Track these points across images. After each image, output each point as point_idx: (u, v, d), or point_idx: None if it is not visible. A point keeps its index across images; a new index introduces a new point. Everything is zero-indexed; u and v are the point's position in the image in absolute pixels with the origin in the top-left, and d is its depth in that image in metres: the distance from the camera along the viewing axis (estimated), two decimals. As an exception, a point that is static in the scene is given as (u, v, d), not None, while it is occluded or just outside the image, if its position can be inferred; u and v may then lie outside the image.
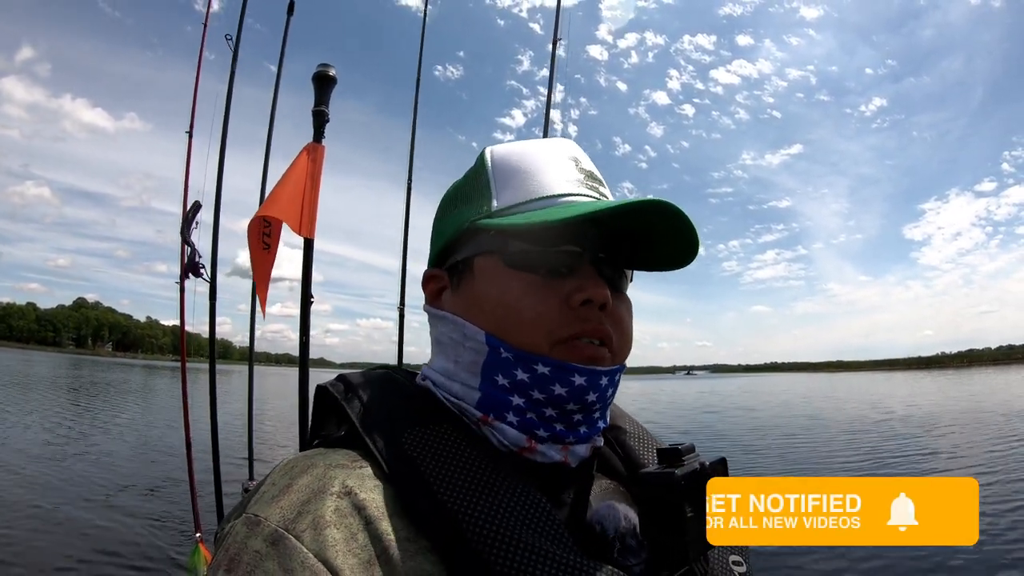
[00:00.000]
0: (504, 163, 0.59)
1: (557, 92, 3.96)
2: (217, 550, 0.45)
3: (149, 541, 6.14)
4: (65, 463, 10.24)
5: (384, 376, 0.59)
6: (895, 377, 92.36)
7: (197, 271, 4.09)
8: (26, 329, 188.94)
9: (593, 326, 0.53)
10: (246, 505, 0.46)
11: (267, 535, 0.42)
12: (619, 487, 0.60)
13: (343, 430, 0.54)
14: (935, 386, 50.19)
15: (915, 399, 31.85)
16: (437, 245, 0.62)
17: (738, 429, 19.62)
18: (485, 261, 0.56)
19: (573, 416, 0.53)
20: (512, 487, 0.47)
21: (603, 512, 0.53)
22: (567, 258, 0.54)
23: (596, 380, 0.53)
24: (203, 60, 4.51)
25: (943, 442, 14.37)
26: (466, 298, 0.57)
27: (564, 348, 0.52)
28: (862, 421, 20.49)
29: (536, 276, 0.53)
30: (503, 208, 0.56)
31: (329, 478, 0.46)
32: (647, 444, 0.65)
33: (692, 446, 0.54)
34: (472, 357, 0.55)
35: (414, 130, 4.97)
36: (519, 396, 0.53)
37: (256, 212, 3.39)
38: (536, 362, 0.52)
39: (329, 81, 3.24)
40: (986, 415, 20.51)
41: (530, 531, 0.45)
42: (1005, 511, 7.13)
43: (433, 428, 0.51)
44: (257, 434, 4.36)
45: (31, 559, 5.42)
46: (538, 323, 0.52)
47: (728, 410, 27.64)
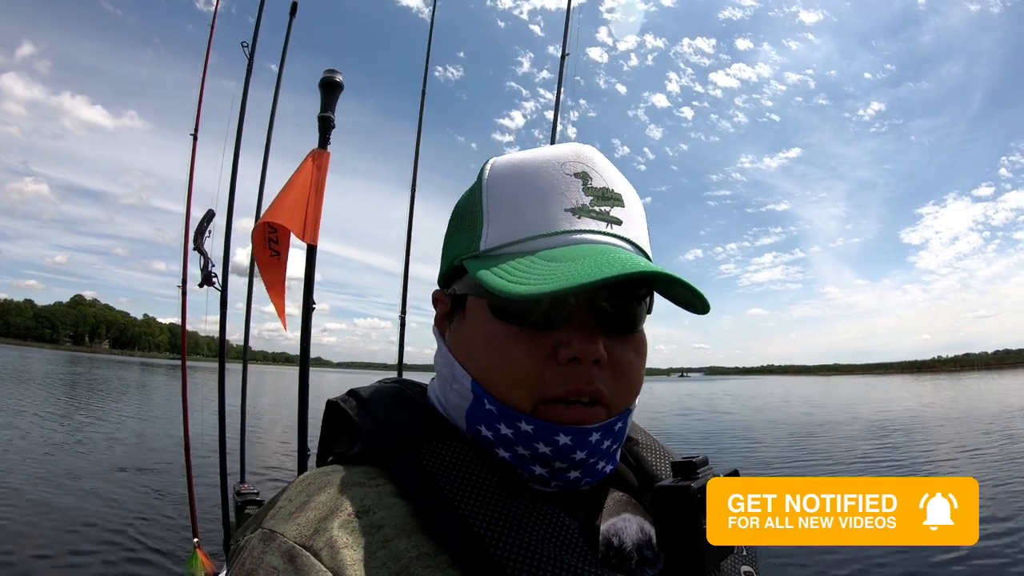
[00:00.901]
0: (499, 186, 0.54)
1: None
2: (231, 564, 0.45)
3: (146, 545, 6.09)
4: (59, 463, 10.19)
5: (396, 392, 0.57)
6: (883, 381, 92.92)
7: (211, 281, 4.01)
8: (23, 326, 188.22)
9: (578, 387, 0.48)
10: (261, 520, 0.46)
11: (284, 551, 0.42)
12: (632, 499, 0.59)
13: (357, 447, 0.52)
14: (920, 389, 51.42)
15: (891, 402, 32.90)
16: (444, 266, 0.59)
17: (708, 429, 20.07)
18: (474, 304, 0.53)
19: (567, 473, 0.51)
20: (528, 503, 0.47)
21: (619, 525, 0.52)
22: (560, 308, 0.49)
23: (584, 438, 0.49)
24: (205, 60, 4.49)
25: (911, 443, 15.00)
26: (458, 337, 0.55)
27: (548, 409, 0.49)
28: (831, 423, 21.11)
29: (522, 328, 0.49)
30: (490, 249, 0.52)
31: (346, 496, 0.45)
32: (660, 456, 0.64)
33: (706, 459, 0.54)
34: (458, 400, 0.53)
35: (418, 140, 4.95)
36: (504, 450, 0.51)
37: (261, 218, 3.38)
38: (519, 419, 0.49)
39: (336, 87, 3.24)
40: (959, 418, 21.11)
41: (550, 544, 0.44)
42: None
43: (448, 444, 0.50)
44: (253, 434, 4.31)
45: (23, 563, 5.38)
46: (521, 380, 0.49)
47: (701, 412, 27.93)
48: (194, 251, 3.80)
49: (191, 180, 4.25)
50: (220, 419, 4.22)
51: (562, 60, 4.10)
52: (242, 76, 4.18)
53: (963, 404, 29.22)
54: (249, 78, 4.07)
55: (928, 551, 6.11)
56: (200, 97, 4.21)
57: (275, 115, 4.26)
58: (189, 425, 4.33)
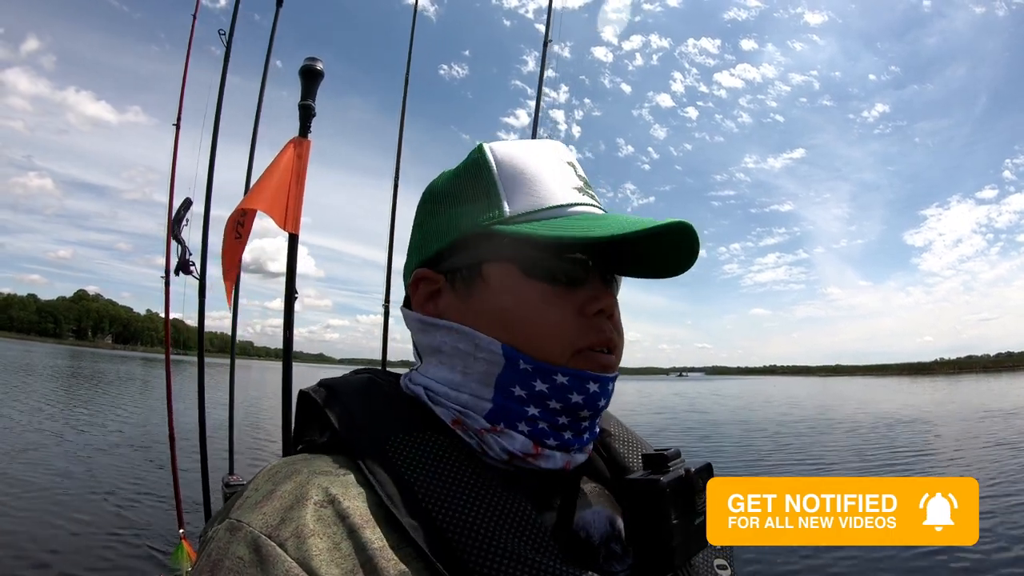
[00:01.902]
0: (509, 165, 0.56)
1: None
2: (200, 554, 0.45)
3: (131, 537, 6.11)
4: (48, 454, 10.24)
5: (366, 381, 0.57)
6: (880, 382, 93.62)
7: (188, 269, 4.06)
8: (27, 320, 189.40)
9: (606, 336, 0.53)
10: (229, 510, 0.46)
11: (249, 541, 0.41)
12: (604, 491, 0.60)
13: (326, 436, 0.52)
14: (912, 390, 51.64)
15: (874, 403, 32.96)
16: (431, 245, 0.58)
17: (674, 427, 20.14)
18: (498, 268, 0.54)
19: (583, 423, 0.54)
20: (497, 495, 0.47)
21: (589, 518, 0.53)
22: (582, 268, 0.54)
23: (607, 386, 0.54)
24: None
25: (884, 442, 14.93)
26: (475, 307, 0.55)
27: (581, 358, 0.52)
28: (802, 421, 21.26)
29: (551, 286, 0.53)
30: (517, 215, 0.53)
31: (312, 485, 0.45)
32: (632, 447, 0.65)
33: (677, 451, 0.55)
34: (484, 368, 0.53)
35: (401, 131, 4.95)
36: (535, 406, 0.52)
37: (239, 204, 3.36)
38: (556, 372, 0.51)
39: (316, 75, 3.21)
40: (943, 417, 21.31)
41: (515, 539, 0.44)
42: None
43: (417, 435, 0.50)
44: (245, 428, 4.31)
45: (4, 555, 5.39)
46: (557, 334, 0.52)
47: (677, 411, 27.87)
48: (174, 240, 3.79)
49: (173, 169, 4.25)
50: (200, 409, 4.22)
51: (544, 47, 4.10)
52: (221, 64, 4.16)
53: (946, 406, 29.64)
54: (227, 65, 4.07)
55: (929, 552, 6.13)
56: (183, 86, 4.22)
57: (262, 106, 4.25)
58: (174, 417, 4.33)
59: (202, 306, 4.25)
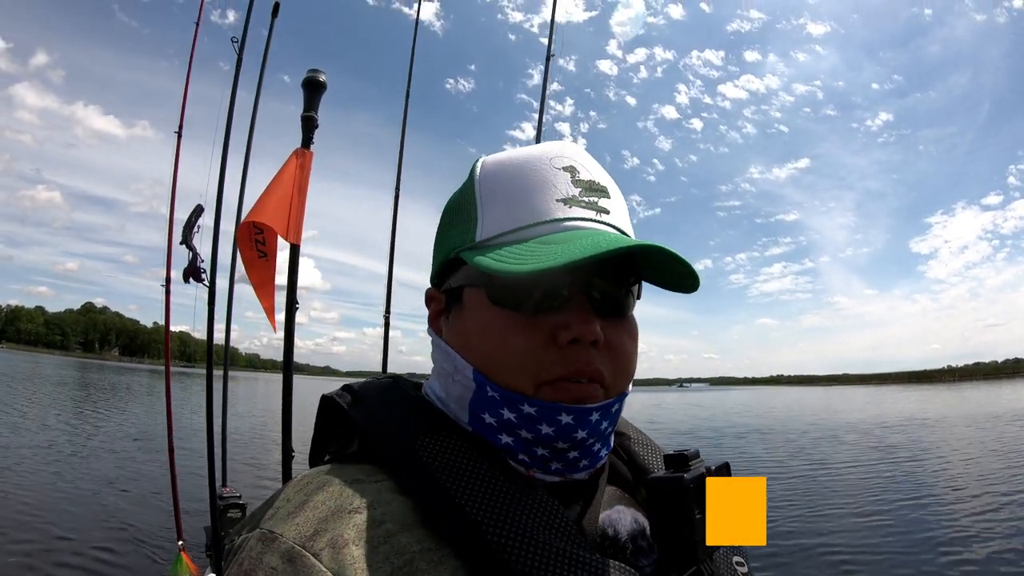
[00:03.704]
0: (491, 180, 0.55)
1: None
2: (228, 564, 0.45)
3: (130, 548, 6.08)
4: (48, 466, 10.24)
5: (390, 385, 0.58)
6: (882, 391, 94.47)
7: (199, 276, 4.04)
8: (34, 332, 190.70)
9: (579, 368, 0.50)
10: (259, 520, 0.46)
11: (283, 552, 0.41)
12: (625, 493, 0.60)
13: (355, 445, 0.53)
14: (907, 397, 53.66)
15: (854, 411, 34.50)
16: (435, 265, 0.60)
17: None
18: (472, 295, 0.54)
19: (568, 454, 0.52)
20: (525, 493, 0.47)
21: (614, 516, 0.53)
22: (556, 293, 0.51)
23: (585, 417, 0.51)
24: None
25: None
26: (457, 330, 0.56)
27: (550, 389, 0.50)
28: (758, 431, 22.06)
29: (520, 314, 0.51)
30: (486, 239, 0.53)
31: (346, 495, 0.45)
32: (652, 450, 0.66)
33: (697, 451, 0.56)
34: (460, 391, 0.54)
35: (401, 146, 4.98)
36: (507, 435, 0.52)
37: (245, 217, 3.38)
38: (522, 402, 0.50)
39: (319, 87, 3.25)
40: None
41: (548, 533, 0.45)
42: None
43: (444, 437, 0.50)
44: (257, 442, 4.25)
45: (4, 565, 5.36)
46: (522, 364, 0.50)
47: (662, 422, 27.84)
48: (181, 245, 3.80)
49: (175, 177, 4.28)
50: (208, 422, 4.20)
51: (547, 62, 4.14)
52: (232, 73, 4.20)
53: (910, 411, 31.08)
54: (239, 72, 4.10)
55: (930, 551, 6.33)
56: (185, 94, 4.26)
57: (256, 115, 4.25)
58: (173, 429, 4.31)
59: (211, 315, 4.24)
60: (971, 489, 9.71)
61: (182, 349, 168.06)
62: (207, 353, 3.89)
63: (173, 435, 4.28)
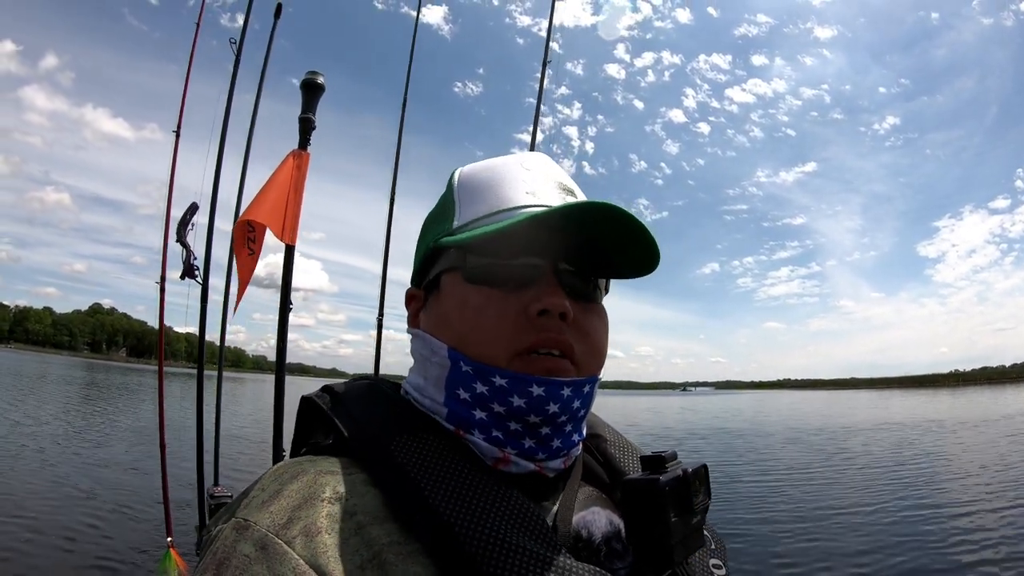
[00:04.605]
0: (468, 181, 0.60)
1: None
2: (204, 553, 0.45)
3: (118, 544, 6.05)
4: (41, 462, 10.25)
5: (369, 386, 0.60)
6: (885, 396, 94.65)
7: (192, 273, 4.10)
8: (42, 333, 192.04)
9: (550, 336, 0.52)
10: (235, 509, 0.46)
11: (256, 539, 0.42)
12: (601, 494, 0.61)
13: (331, 439, 0.54)
14: (902, 403, 53.36)
15: (837, 416, 34.38)
16: (415, 265, 0.64)
17: None
18: (449, 278, 0.57)
19: (540, 430, 0.53)
20: (498, 492, 0.48)
21: (588, 518, 0.53)
22: (527, 270, 0.54)
23: (556, 391, 0.52)
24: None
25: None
26: (434, 315, 0.58)
27: (521, 360, 0.52)
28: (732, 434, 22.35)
29: (495, 289, 0.54)
30: (463, 224, 0.57)
31: (319, 484, 0.46)
32: (628, 452, 0.67)
33: (674, 453, 0.55)
34: (437, 372, 0.56)
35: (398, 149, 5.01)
36: (481, 410, 0.53)
37: (241, 216, 3.41)
38: (493, 374, 0.52)
39: (317, 88, 3.28)
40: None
41: (519, 533, 0.45)
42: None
43: (420, 436, 0.51)
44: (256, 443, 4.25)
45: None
46: (495, 335, 0.52)
47: (642, 426, 27.63)
48: (176, 243, 3.83)
49: (172, 175, 4.32)
50: (198, 421, 4.21)
51: (543, 67, 4.19)
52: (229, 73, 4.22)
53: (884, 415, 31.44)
54: (236, 72, 4.15)
55: (930, 552, 6.31)
56: (184, 93, 4.30)
57: (256, 116, 4.31)
58: (166, 426, 4.31)
59: (203, 313, 4.27)
60: (970, 490, 9.66)
61: (189, 350, 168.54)
62: (199, 350, 3.92)
63: (165, 433, 4.28)
